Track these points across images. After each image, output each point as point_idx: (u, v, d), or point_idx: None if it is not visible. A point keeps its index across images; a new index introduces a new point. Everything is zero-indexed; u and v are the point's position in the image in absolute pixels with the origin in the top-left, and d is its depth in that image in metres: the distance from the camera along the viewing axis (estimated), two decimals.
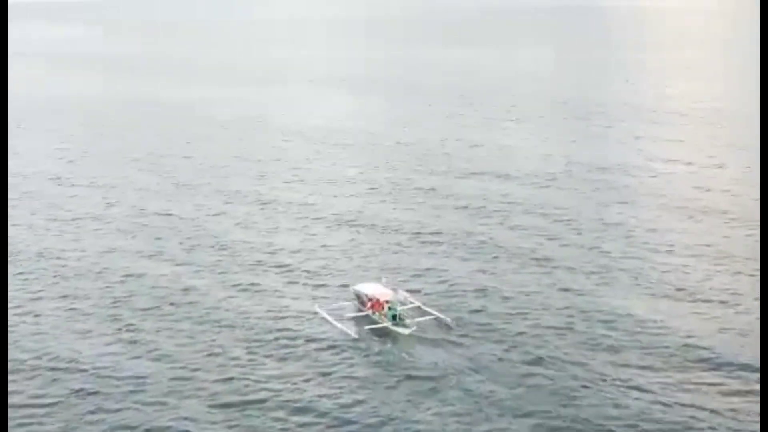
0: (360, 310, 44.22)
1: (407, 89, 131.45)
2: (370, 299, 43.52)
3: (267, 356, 40.06)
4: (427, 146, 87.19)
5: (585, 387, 36.33)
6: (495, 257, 53.23)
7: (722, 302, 44.96)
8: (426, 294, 46.81)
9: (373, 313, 43.19)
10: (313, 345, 41.03)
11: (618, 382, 36.62)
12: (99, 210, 66.57)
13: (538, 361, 38.82)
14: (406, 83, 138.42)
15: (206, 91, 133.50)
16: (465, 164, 78.30)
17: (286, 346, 40.99)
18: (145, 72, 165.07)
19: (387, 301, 42.77)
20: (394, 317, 42.21)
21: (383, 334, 41.85)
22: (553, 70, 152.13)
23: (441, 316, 43.41)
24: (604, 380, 36.89)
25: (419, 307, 44.40)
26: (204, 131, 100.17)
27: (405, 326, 41.72)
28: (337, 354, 40.00)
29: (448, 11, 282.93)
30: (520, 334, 41.78)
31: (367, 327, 42.29)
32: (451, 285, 48.70)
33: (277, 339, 41.86)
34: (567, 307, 44.81)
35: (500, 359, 39.05)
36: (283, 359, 39.74)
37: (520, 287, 47.97)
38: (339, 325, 42.71)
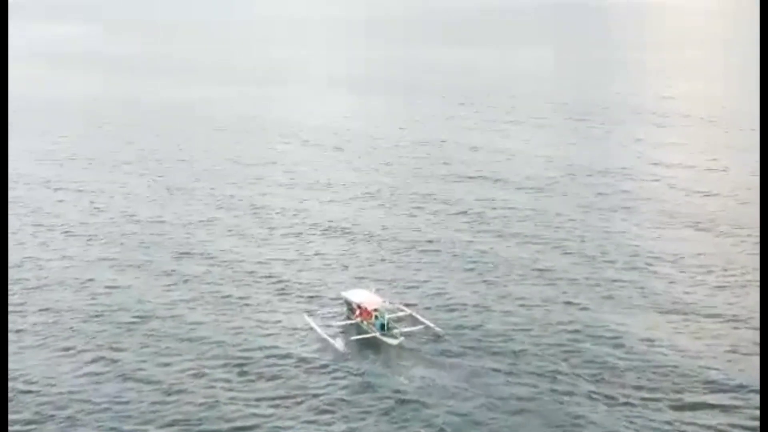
0: (349, 318, 43.17)
1: (407, 89, 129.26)
2: (359, 306, 42.57)
3: (255, 376, 38.34)
4: (426, 149, 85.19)
5: (591, 412, 34.51)
6: (493, 266, 51.42)
7: (733, 316, 42.90)
8: (424, 307, 45.17)
9: (362, 321, 42.15)
10: (303, 364, 39.30)
11: (625, 406, 34.76)
12: (86, 216, 64.70)
13: (537, 380, 37.03)
14: (405, 83, 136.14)
15: (205, 91, 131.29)
16: (464, 168, 76.29)
17: (274, 365, 39.28)
18: (143, 71, 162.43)
19: (375, 310, 41.73)
20: (382, 326, 41.11)
21: (372, 345, 40.56)
22: (553, 70, 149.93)
23: (431, 325, 42.10)
24: (610, 403, 35.08)
25: (410, 316, 43.26)
26: (200, 132, 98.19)
27: (393, 336, 40.60)
28: (327, 374, 38.23)
29: (448, 11, 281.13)
30: (521, 351, 39.98)
31: (355, 338, 41.14)
32: (447, 296, 47.01)
33: (266, 357, 40.13)
34: (569, 322, 42.97)
35: (497, 379, 37.31)
36: (271, 379, 38.02)
37: (519, 300, 46.17)
38: (328, 337, 41.35)
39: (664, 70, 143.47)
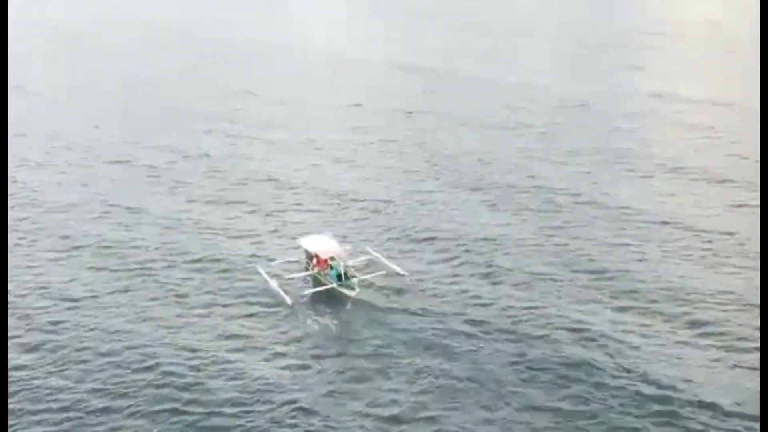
0: (307, 268, 39.75)
1: (412, 13, 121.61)
2: (316, 255, 39.09)
3: (197, 335, 34.93)
4: (423, 82, 78.72)
5: (553, 380, 30.92)
6: (484, 225, 45.58)
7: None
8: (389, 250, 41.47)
9: (319, 272, 38.83)
10: (250, 323, 35.79)
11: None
12: (42, 157, 59.73)
13: (509, 344, 33.26)
14: (412, 8, 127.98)
15: (191, 10, 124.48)
16: (462, 109, 69.45)
17: (218, 323, 35.86)
18: None
19: (332, 258, 38.50)
20: (338, 276, 37.91)
21: (329, 297, 37.41)
22: None
23: (393, 267, 38.91)
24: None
25: (370, 260, 39.96)
26: (179, 58, 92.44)
27: (350, 287, 37.38)
28: (276, 333, 34.78)
29: None
30: (491, 307, 36.10)
31: (310, 290, 37.90)
32: (423, 245, 42.96)
33: (213, 316, 36.65)
34: (551, 314, 36.40)
35: (457, 336, 34.04)
36: (213, 340, 34.51)
37: (505, 258, 41.13)
38: (281, 291, 37.65)
39: None
